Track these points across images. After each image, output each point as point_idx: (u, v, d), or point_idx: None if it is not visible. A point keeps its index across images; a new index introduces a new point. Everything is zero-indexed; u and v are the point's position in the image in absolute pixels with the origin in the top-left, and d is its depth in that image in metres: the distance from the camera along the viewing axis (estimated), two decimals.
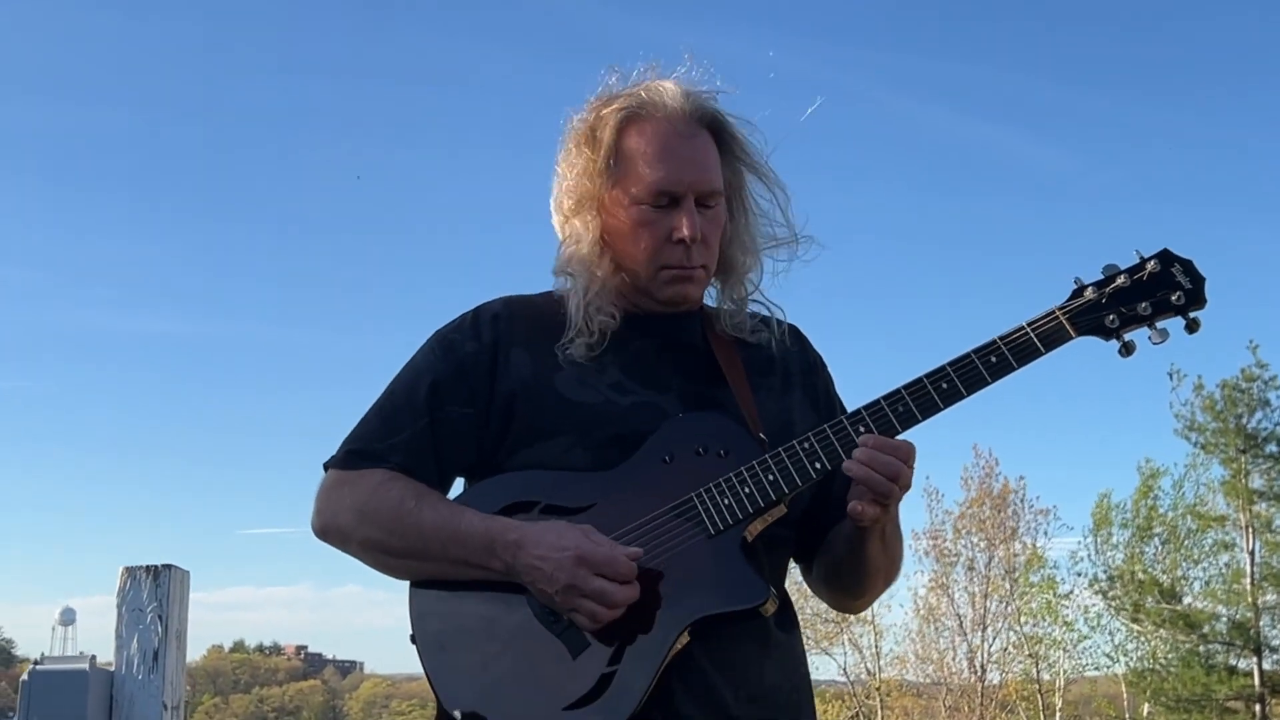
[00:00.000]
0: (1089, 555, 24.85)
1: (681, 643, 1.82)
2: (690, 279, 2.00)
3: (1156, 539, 24.00)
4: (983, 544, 27.50)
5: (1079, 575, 25.49)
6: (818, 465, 1.89)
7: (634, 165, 1.98)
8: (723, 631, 1.86)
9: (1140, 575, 23.68)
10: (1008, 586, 27.42)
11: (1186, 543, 23.71)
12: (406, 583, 1.99)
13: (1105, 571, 24.45)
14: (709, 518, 1.88)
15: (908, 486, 1.89)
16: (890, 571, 2.07)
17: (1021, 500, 27.53)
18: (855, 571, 2.04)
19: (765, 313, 2.11)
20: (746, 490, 1.88)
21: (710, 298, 2.11)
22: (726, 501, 1.88)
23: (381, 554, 1.96)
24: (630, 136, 1.99)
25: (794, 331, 2.16)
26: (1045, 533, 27.31)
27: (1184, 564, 23.77)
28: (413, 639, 1.95)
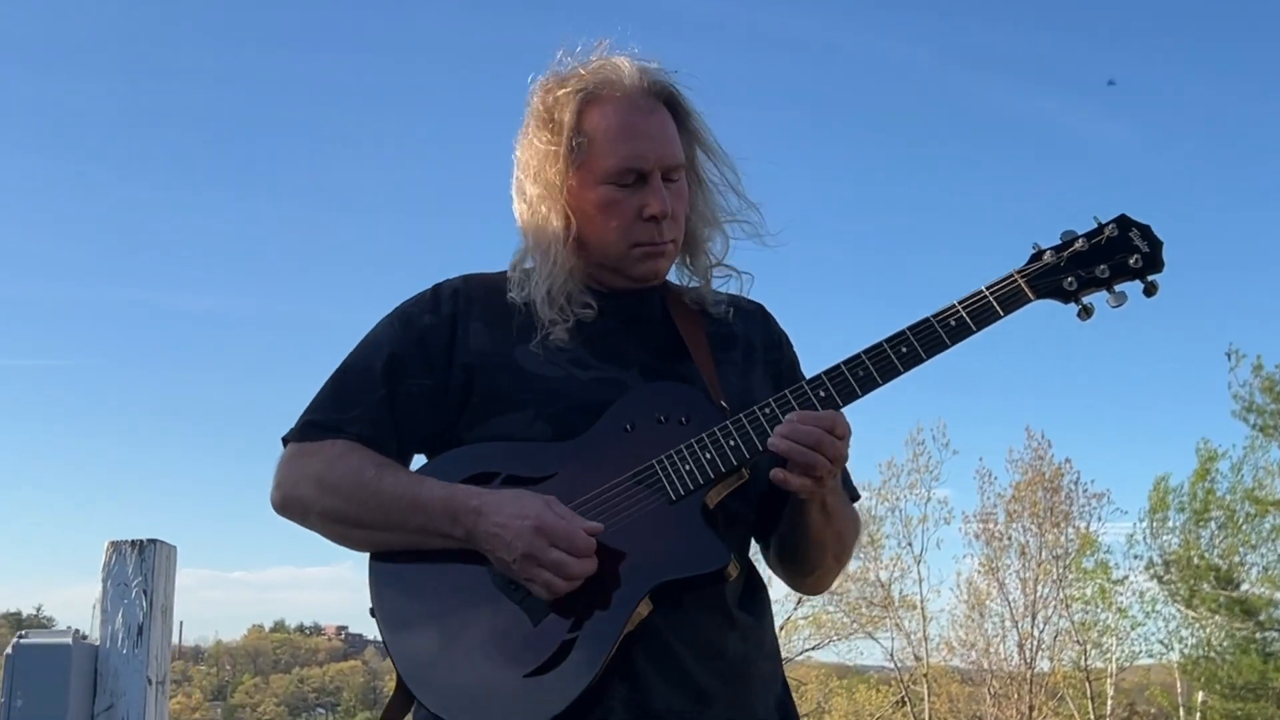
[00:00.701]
0: (1144, 539, 24.56)
1: (643, 609, 1.82)
2: (662, 254, 2.03)
3: (1214, 523, 23.62)
4: (1034, 528, 27.13)
5: (1136, 558, 25.24)
6: (752, 440, 1.90)
7: (597, 146, 1.99)
8: (685, 600, 1.88)
9: (1196, 560, 23.36)
10: (1059, 571, 27.04)
11: (1244, 527, 23.32)
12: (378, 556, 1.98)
13: (1160, 556, 24.14)
14: (670, 484, 1.88)
15: (838, 459, 1.87)
16: (840, 549, 2.06)
17: (1075, 484, 27.14)
18: (802, 545, 2.04)
19: (729, 288, 2.14)
20: (708, 456, 1.89)
21: (671, 273, 2.13)
22: (688, 467, 1.89)
23: (342, 525, 1.96)
24: (590, 117, 2.00)
25: (759, 308, 2.19)
26: (1099, 517, 26.94)
27: (1242, 549, 23.41)
28: (372, 613, 1.94)
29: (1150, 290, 1.92)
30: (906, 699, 29.54)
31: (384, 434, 1.98)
